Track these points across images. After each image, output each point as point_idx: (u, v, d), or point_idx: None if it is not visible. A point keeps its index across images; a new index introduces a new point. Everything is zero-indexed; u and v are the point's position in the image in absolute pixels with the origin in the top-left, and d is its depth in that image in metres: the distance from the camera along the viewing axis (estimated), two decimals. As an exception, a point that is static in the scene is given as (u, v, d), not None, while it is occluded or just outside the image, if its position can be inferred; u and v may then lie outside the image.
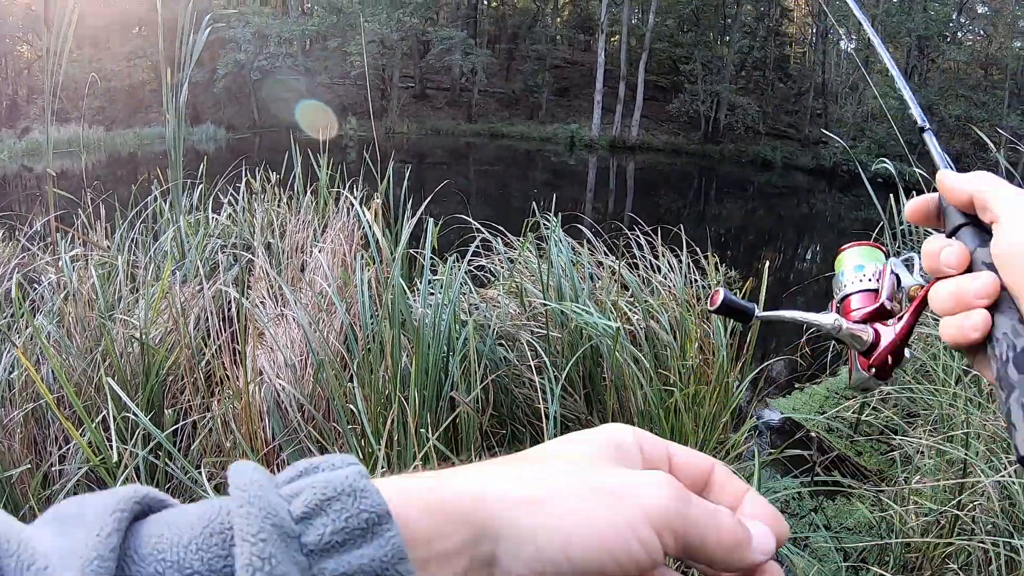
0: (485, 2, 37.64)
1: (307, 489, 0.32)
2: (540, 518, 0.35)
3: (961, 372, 3.51)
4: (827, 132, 17.01)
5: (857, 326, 0.62)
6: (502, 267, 3.43)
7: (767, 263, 3.31)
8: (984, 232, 0.52)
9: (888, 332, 0.61)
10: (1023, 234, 0.48)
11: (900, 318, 0.61)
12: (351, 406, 2.41)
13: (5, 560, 0.27)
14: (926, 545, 2.40)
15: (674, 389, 2.67)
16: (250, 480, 0.31)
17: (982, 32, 29.91)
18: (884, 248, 0.66)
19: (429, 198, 3.28)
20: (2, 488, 2.39)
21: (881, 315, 0.62)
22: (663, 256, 3.65)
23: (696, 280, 3.53)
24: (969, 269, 0.52)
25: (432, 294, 2.67)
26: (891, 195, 4.78)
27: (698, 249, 3.69)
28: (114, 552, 0.28)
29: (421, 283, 2.67)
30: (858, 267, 0.65)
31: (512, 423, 2.70)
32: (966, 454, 2.43)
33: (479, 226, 3.30)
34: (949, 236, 0.55)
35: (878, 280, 0.64)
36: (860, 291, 0.64)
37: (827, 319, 0.63)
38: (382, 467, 2.07)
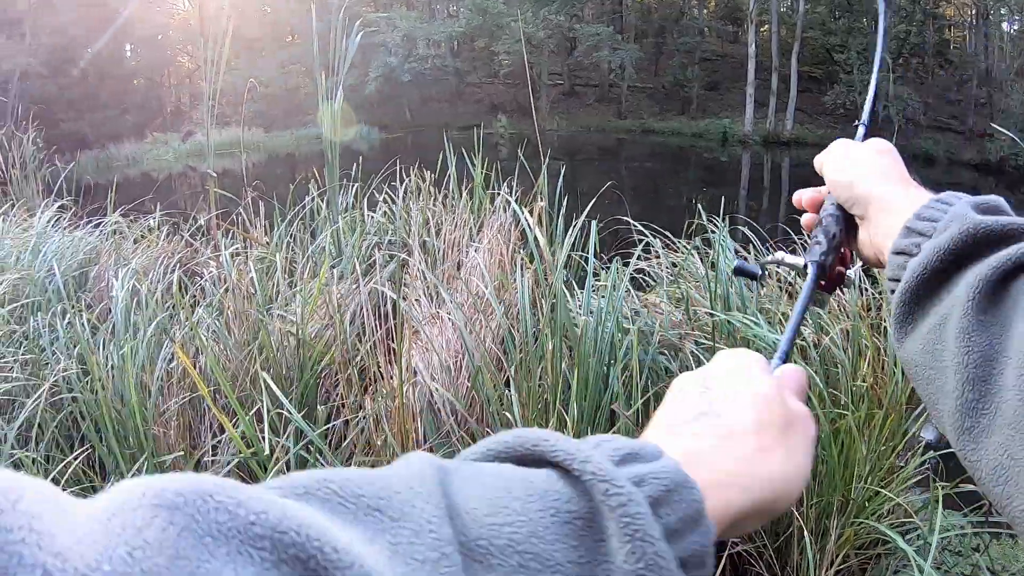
0: (630, -4, 37.12)
1: (650, 479, 0.34)
2: (759, 516, 0.42)
3: None
4: (994, 125, 15.68)
5: (791, 256, 0.76)
6: (662, 271, 3.28)
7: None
8: None
9: None
10: (825, 165, 0.76)
11: None
12: (507, 412, 2.34)
13: None
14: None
15: (845, 411, 2.45)
16: (616, 481, 0.32)
17: None
18: None
19: (592, 201, 3.16)
20: (156, 471, 2.47)
21: None
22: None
23: (867, 288, 3.25)
24: None
25: (592, 297, 2.56)
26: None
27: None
28: (453, 544, 0.27)
29: (580, 287, 2.57)
30: None
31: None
32: None
33: (641, 228, 3.16)
34: None
35: None
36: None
37: (777, 255, 0.78)
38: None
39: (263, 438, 2.42)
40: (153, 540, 0.21)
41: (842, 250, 0.74)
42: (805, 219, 0.78)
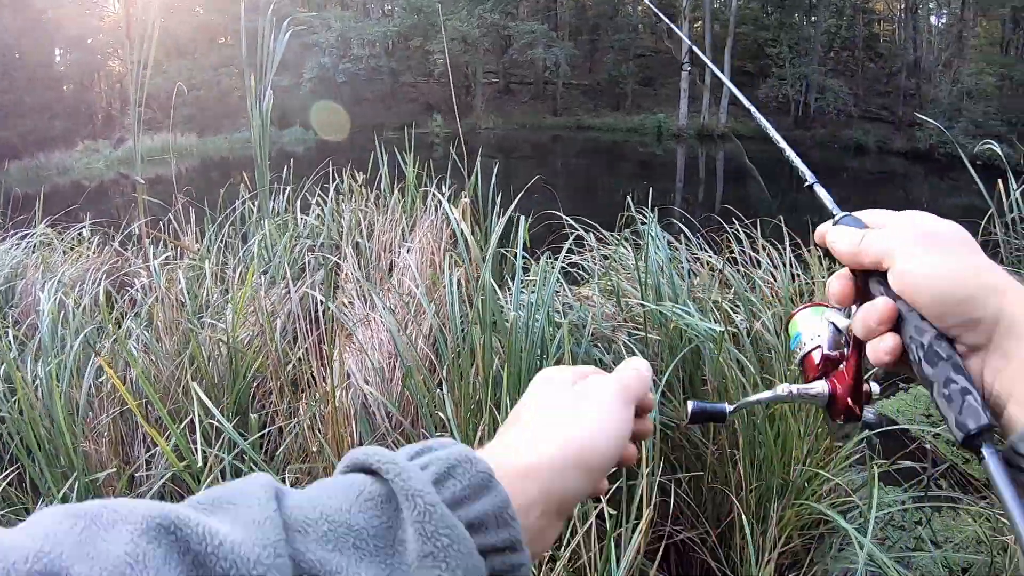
0: (565, -6, 37.41)
1: (435, 461, 0.43)
2: (574, 468, 0.48)
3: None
4: (919, 115, 16.27)
5: (807, 385, 0.64)
6: (595, 264, 3.30)
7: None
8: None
9: (839, 378, 0.63)
10: (912, 263, 0.53)
11: (845, 361, 0.63)
12: (440, 413, 2.32)
13: (196, 544, 0.32)
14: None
15: (780, 395, 2.48)
16: (399, 464, 0.41)
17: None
18: (827, 303, 0.65)
19: (520, 195, 3.16)
20: (88, 490, 2.40)
21: (829, 366, 0.64)
22: (764, 250, 3.45)
23: (799, 275, 3.32)
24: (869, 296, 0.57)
25: (523, 293, 2.56)
26: (999, 180, 4.42)
27: (800, 241, 3.47)
28: (277, 514, 0.36)
29: (512, 282, 2.56)
30: (797, 336, 0.68)
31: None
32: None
33: (572, 222, 3.17)
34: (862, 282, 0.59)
35: (819, 336, 0.66)
36: (809, 351, 0.66)
37: (781, 390, 0.66)
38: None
39: (196, 450, 2.36)
40: (63, 530, 0.31)
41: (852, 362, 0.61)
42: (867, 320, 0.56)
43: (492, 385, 2.21)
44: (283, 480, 2.31)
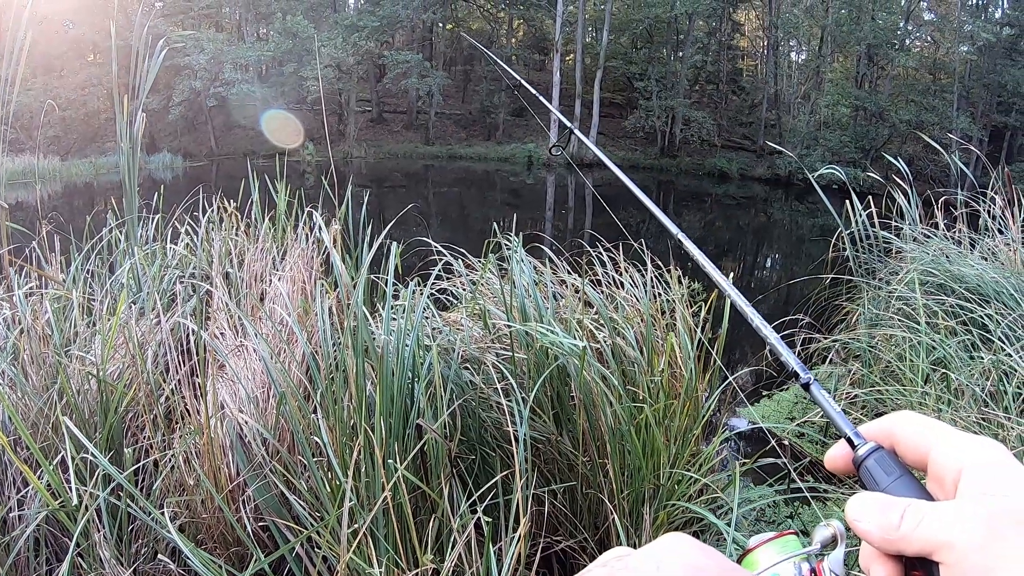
0: (440, 25, 37.85)
1: None
2: None
3: (929, 371, 3.55)
4: (771, 143, 17.41)
5: None
6: (464, 290, 3.40)
7: (730, 275, 3.32)
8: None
9: None
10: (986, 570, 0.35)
11: None
12: (315, 438, 2.36)
13: None
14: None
15: (644, 405, 2.66)
16: None
17: (929, 38, 30.71)
18: (795, 531, 0.50)
19: (392, 223, 3.24)
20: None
21: None
22: (626, 271, 3.65)
23: (660, 294, 3.54)
24: None
25: (394, 319, 2.63)
26: (846, 200, 4.85)
27: (660, 263, 3.69)
28: None
29: (383, 308, 2.63)
30: None
31: (482, 447, 2.66)
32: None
33: (440, 248, 3.27)
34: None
35: None
36: None
37: None
38: (351, 499, 2.03)
39: (70, 488, 2.30)
40: None
41: None
42: None
43: (365, 408, 2.27)
44: (162, 514, 2.28)
